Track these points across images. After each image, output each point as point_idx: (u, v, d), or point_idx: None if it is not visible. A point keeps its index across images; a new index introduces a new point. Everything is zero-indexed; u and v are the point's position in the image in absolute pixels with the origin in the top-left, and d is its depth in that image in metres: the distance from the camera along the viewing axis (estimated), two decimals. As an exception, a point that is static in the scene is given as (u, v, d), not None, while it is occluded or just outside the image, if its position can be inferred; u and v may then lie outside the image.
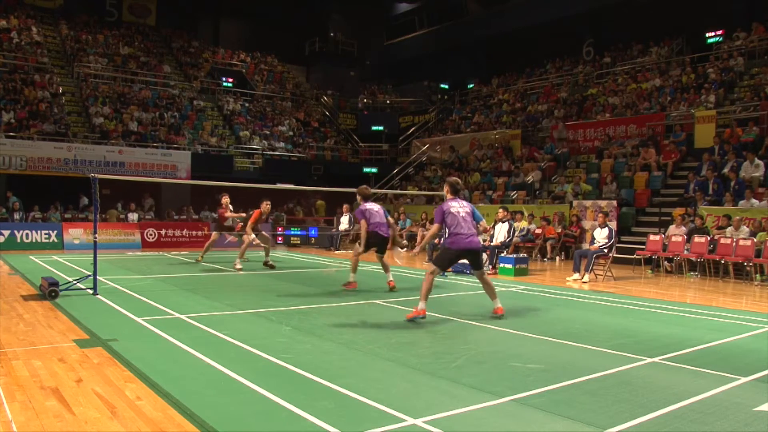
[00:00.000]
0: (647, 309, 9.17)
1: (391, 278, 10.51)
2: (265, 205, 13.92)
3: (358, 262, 10.60)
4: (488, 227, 11.05)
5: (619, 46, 27.47)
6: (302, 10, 36.20)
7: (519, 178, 21.89)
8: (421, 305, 7.63)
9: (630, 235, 17.13)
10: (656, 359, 5.89)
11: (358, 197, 10.62)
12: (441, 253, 8.06)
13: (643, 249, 14.96)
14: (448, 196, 8.14)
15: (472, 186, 23.32)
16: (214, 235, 14.97)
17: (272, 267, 13.92)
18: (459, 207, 7.91)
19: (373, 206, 10.43)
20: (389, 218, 10.64)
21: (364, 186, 10.84)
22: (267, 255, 14.26)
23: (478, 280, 8.36)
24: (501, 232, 14.50)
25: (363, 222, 10.24)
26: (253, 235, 13.73)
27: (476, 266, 8.15)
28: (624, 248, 15.75)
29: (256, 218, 13.85)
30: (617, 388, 4.93)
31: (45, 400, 4.42)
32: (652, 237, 15.04)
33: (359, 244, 10.46)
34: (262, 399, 4.49)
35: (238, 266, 13.42)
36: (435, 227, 7.90)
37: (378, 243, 10.31)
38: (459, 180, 8.43)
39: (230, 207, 14.60)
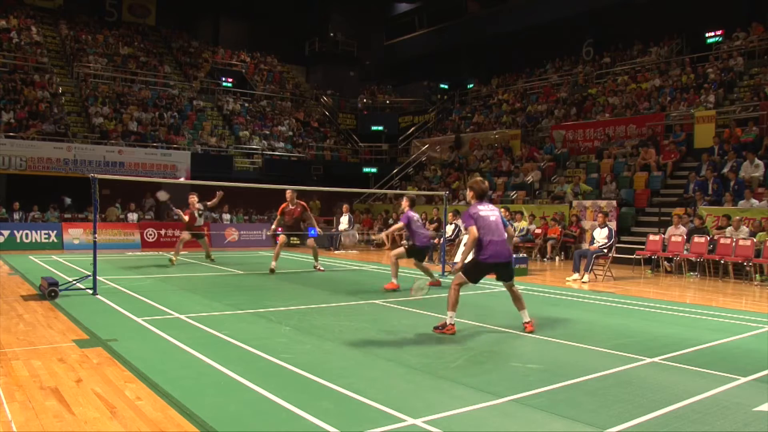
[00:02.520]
0: (647, 309, 9.17)
1: (527, 319, 7.25)
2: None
3: (456, 299, 7.08)
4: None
5: (618, 46, 27.48)
6: (302, 10, 36.21)
7: (519, 178, 21.90)
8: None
9: (630, 235, 17.12)
10: (656, 359, 5.89)
11: (469, 193, 7.41)
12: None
13: (642, 249, 14.96)
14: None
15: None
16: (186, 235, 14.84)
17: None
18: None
19: (489, 211, 7.11)
20: (509, 228, 7.67)
21: (479, 179, 7.61)
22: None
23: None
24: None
25: (472, 230, 6.89)
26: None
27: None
28: (624, 248, 15.75)
29: (281, 209, 13.74)
30: (617, 388, 4.93)
31: (45, 400, 4.42)
32: (651, 237, 15.04)
33: (455, 267, 7.47)
34: (262, 399, 4.49)
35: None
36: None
37: (488, 271, 7.13)
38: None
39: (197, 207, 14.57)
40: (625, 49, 27.05)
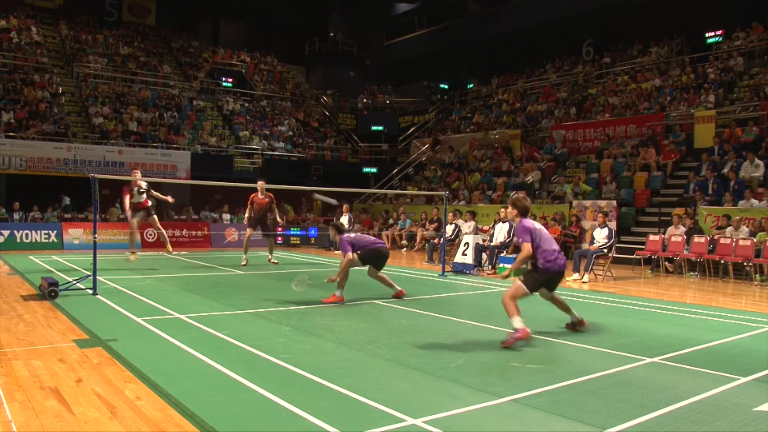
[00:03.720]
0: (647, 309, 9.17)
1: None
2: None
3: (517, 307, 6.56)
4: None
5: (618, 46, 27.50)
6: (302, 10, 36.23)
7: (519, 178, 21.90)
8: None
9: (630, 235, 17.12)
10: (656, 359, 5.89)
11: (511, 211, 7.18)
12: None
13: (642, 249, 14.96)
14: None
15: (471, 186, 23.34)
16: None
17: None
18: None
19: (542, 227, 7.13)
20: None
21: (522, 195, 7.39)
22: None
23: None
24: (501, 232, 14.50)
25: (527, 246, 6.81)
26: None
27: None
28: (624, 248, 15.75)
29: (251, 199, 14.16)
30: (617, 388, 4.93)
31: (45, 400, 4.42)
32: (651, 237, 15.04)
33: (503, 275, 7.30)
34: (262, 399, 4.49)
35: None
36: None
37: (549, 280, 7.01)
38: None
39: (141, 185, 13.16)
40: (625, 49, 27.09)
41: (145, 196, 13.55)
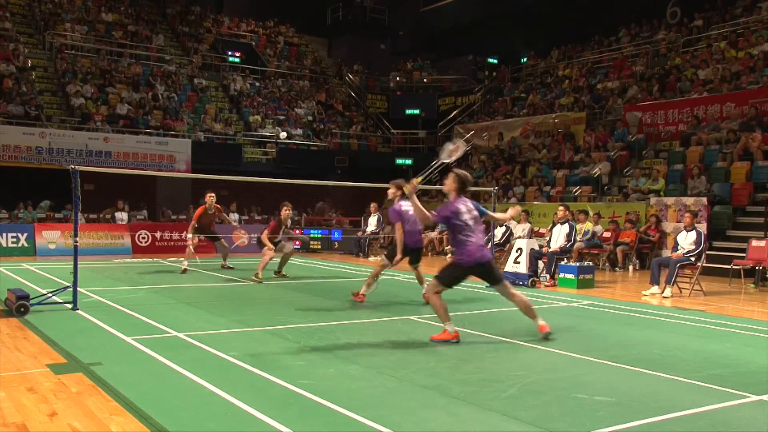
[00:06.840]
0: (749, 332, 8.97)
1: None
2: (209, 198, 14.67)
3: None
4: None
5: (715, 3, 26.70)
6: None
7: (588, 167, 21.72)
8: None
9: (725, 241, 16.82)
10: (764, 397, 5.73)
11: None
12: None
13: (742, 257, 14.68)
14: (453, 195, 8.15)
15: (525, 181, 23.19)
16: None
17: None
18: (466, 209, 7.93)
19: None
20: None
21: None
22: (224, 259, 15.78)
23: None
24: (560, 236, 14.33)
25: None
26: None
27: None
28: (717, 256, 15.48)
29: (199, 215, 14.62)
30: (712, 430, 4.81)
31: (10, 437, 4.43)
32: (754, 243, 14.74)
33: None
34: (274, 434, 4.49)
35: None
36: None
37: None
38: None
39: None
40: (724, 6, 26.25)
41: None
